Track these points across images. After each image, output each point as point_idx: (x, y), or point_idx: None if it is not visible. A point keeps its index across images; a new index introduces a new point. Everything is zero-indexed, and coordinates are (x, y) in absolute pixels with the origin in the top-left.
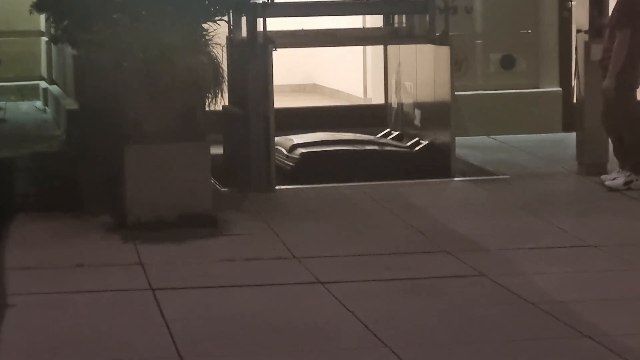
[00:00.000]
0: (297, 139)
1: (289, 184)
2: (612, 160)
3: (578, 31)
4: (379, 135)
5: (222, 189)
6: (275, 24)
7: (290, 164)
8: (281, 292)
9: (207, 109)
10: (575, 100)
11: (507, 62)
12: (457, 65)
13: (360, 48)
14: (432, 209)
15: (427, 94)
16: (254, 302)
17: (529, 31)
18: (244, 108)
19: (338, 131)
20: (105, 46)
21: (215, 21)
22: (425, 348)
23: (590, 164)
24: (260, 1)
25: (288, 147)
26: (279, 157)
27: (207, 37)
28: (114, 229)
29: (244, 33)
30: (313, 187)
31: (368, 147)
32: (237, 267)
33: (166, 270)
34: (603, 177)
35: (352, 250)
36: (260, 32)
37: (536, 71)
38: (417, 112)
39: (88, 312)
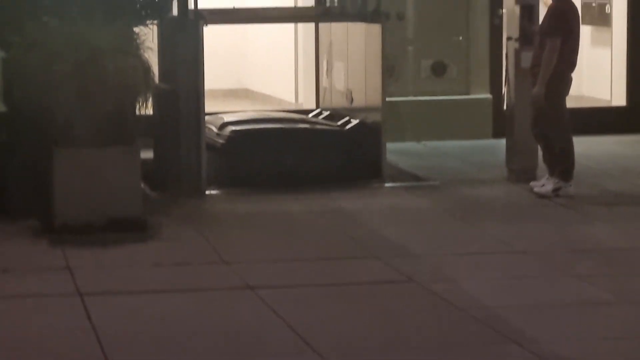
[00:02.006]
0: (228, 117)
1: (219, 165)
2: (541, 167)
3: (508, 38)
4: (311, 115)
5: (152, 194)
6: (207, 2)
7: (221, 141)
8: (211, 297)
9: (137, 112)
10: (505, 107)
11: (438, 69)
12: (389, 72)
13: (292, 53)
14: (362, 214)
15: (358, 73)
16: (183, 307)
17: (460, 38)
18: (175, 86)
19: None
20: (35, 48)
21: (146, 25)
22: (354, 354)
23: (519, 170)
24: None
25: (218, 125)
26: (209, 135)
27: (138, 41)
28: (41, 233)
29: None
30: (243, 192)
31: (299, 126)
32: (167, 272)
33: (94, 274)
34: (532, 183)
35: (282, 255)
36: (191, 9)
37: (467, 78)
38: (348, 91)
39: (13, 318)
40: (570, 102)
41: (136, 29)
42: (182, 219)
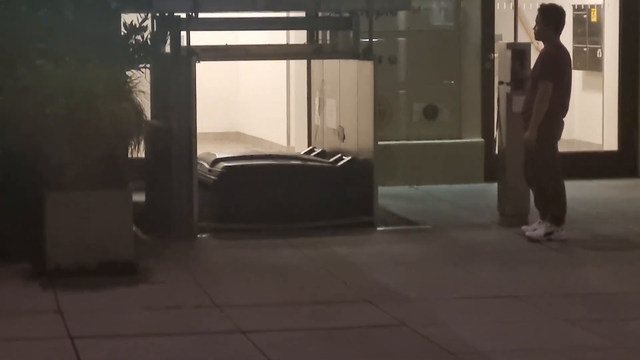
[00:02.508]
0: (220, 153)
1: (211, 201)
2: (533, 211)
3: (500, 83)
4: (303, 152)
5: (144, 237)
6: (200, 39)
7: (213, 177)
8: (202, 341)
9: (129, 155)
10: (497, 151)
11: (430, 113)
12: (381, 115)
13: (284, 96)
14: (354, 258)
15: (350, 111)
16: (174, 351)
17: (452, 82)
18: (167, 123)
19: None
20: (28, 91)
21: (139, 68)
22: None
23: (511, 214)
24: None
25: (210, 162)
26: (201, 171)
27: (130, 84)
28: (33, 276)
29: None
30: (235, 234)
31: (291, 162)
32: (158, 315)
33: (85, 318)
34: (524, 227)
35: (273, 299)
36: (184, 46)
37: (459, 122)
38: (340, 129)
39: None
40: (562, 147)
41: (129, 72)
42: (173, 262)
